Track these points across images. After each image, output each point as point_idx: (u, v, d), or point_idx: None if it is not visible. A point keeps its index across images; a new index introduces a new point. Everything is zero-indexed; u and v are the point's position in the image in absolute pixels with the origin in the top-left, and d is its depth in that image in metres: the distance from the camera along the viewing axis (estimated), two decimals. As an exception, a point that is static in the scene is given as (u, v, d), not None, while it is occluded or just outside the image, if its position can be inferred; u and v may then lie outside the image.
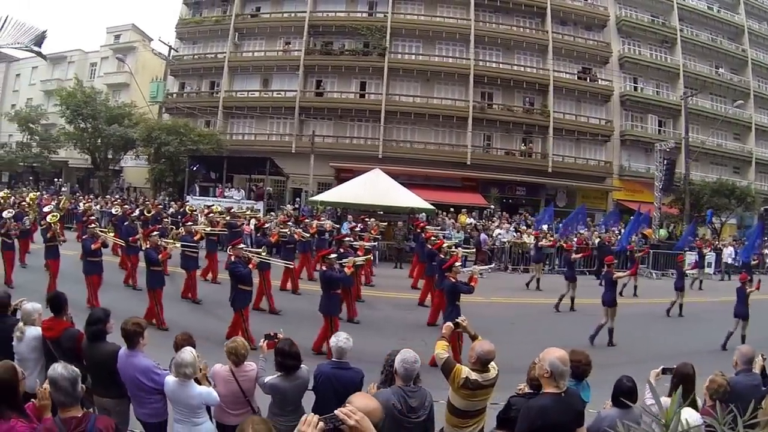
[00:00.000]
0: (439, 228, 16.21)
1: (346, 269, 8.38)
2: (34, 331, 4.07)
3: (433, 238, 11.71)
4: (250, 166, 24.01)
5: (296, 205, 22.31)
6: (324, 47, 28.24)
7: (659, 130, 28.87)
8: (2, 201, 16.99)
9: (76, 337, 4.00)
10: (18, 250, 11.74)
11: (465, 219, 20.14)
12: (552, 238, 16.65)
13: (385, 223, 16.81)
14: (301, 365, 3.91)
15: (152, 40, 31.81)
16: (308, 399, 3.91)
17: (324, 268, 8.09)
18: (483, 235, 17.42)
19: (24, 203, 15.60)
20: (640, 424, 2.27)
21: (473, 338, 4.13)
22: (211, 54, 29.57)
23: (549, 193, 27.75)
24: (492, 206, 24.45)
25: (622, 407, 3.42)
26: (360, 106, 27.46)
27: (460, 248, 12.15)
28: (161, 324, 8.32)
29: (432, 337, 7.47)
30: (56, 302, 4.32)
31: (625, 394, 3.45)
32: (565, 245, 14.38)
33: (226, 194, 21.48)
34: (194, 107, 28.61)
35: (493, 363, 3.73)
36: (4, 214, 11.98)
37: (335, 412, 1.58)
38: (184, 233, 11.08)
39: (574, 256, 12.50)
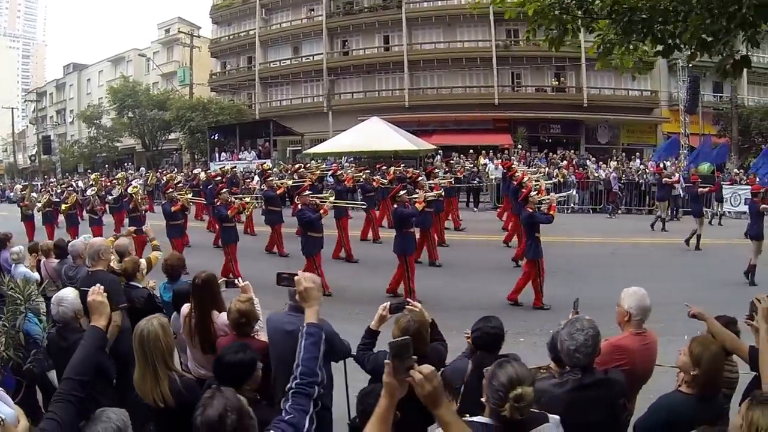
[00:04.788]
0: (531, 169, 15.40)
1: (417, 204, 8.09)
2: None
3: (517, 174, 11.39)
4: (257, 129, 25.69)
5: (317, 161, 23.08)
6: (345, 8, 29.10)
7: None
8: (93, 183, 19.57)
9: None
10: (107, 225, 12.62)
11: (482, 160, 19.95)
12: (677, 174, 15.58)
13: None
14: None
15: (200, 27, 34.56)
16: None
17: (395, 206, 8.04)
18: (613, 174, 17.04)
19: (112, 181, 17.41)
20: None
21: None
22: (243, 32, 31.50)
23: (589, 129, 26.76)
24: (520, 146, 24.05)
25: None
26: (384, 59, 28.05)
27: (543, 180, 11.75)
28: (237, 276, 8.67)
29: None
30: None
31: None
32: (690, 178, 13.53)
33: (240, 156, 23.58)
34: (235, 83, 30.81)
35: None
36: (88, 191, 13.21)
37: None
38: (267, 188, 11.49)
39: (700, 190, 12.04)
